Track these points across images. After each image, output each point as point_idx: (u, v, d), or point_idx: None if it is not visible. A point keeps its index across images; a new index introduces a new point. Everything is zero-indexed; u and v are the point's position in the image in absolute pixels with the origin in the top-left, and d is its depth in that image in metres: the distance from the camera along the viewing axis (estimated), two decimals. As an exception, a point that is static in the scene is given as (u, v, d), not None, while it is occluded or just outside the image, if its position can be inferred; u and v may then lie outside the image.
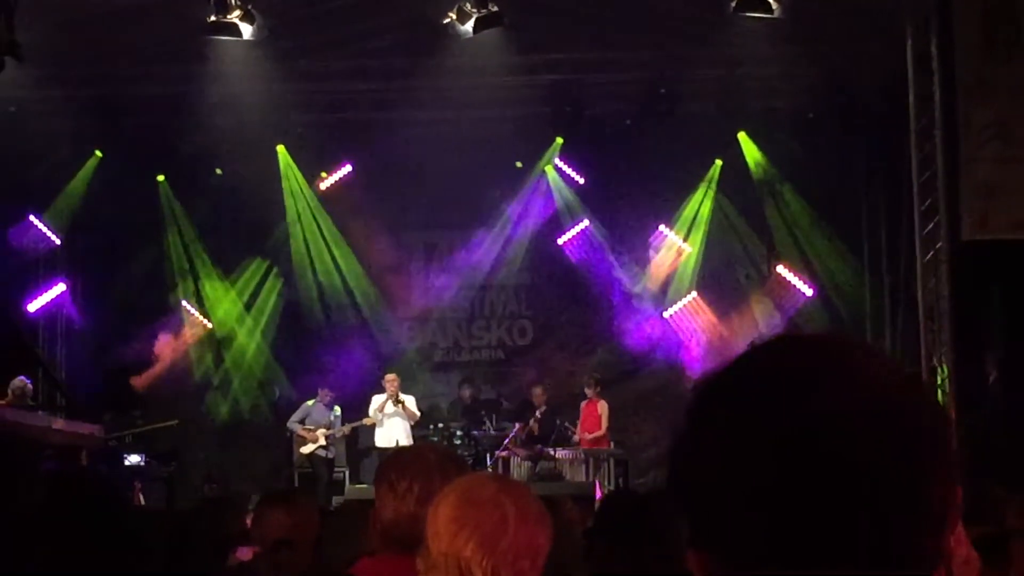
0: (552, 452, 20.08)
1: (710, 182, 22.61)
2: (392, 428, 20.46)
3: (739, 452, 1.53)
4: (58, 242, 22.14)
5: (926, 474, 1.53)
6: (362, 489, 17.27)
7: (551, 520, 3.44)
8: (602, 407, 20.43)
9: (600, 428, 20.29)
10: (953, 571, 1.60)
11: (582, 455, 20.06)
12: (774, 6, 17.90)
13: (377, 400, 20.70)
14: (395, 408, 20.56)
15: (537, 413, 20.82)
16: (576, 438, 20.48)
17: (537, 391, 21.30)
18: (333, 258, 23.31)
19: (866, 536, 1.49)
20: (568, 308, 22.79)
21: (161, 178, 22.77)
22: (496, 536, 3.20)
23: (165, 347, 22.42)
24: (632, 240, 22.88)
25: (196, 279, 23.04)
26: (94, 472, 14.33)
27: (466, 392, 22.39)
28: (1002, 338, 17.49)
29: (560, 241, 23.01)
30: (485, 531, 3.19)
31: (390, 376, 20.83)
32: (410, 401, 20.81)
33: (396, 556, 3.86)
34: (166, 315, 22.75)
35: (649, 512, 5.07)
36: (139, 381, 22.01)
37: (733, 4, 18.03)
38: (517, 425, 20.76)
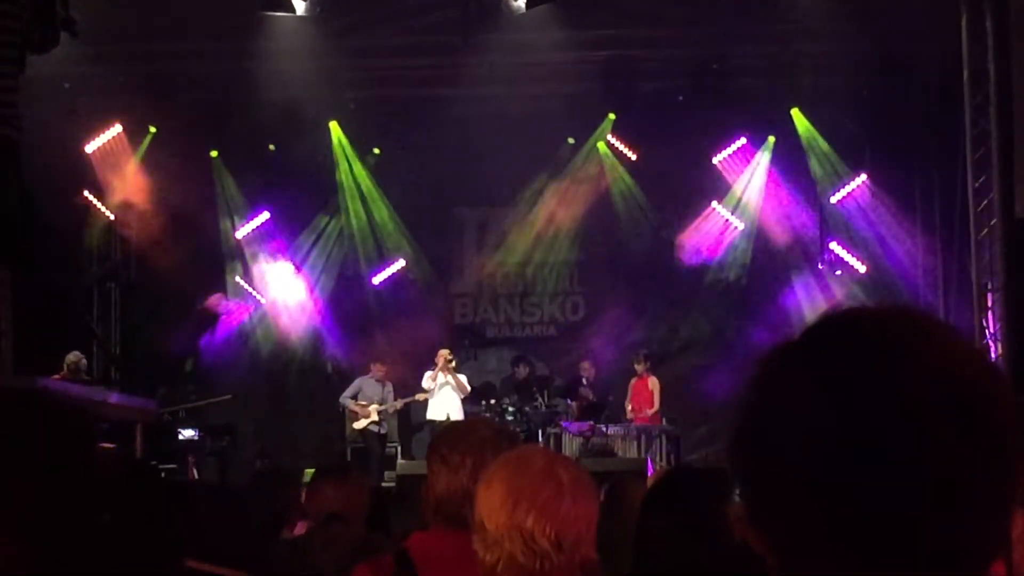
0: (604, 428, 20.06)
1: (763, 159, 22.48)
2: (444, 401, 20.55)
3: (806, 428, 1.49)
4: (112, 218, 22.22)
5: (1003, 461, 1.49)
6: (414, 464, 17.28)
7: (614, 496, 3.48)
8: (653, 383, 20.45)
9: (653, 405, 20.29)
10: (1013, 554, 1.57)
11: (634, 431, 20.04)
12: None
13: (429, 373, 20.82)
14: (446, 380, 20.63)
15: (585, 380, 20.93)
16: (628, 415, 20.48)
17: (585, 365, 21.36)
18: (385, 235, 23.32)
19: (935, 532, 1.46)
20: (620, 284, 22.70)
21: (215, 154, 22.84)
22: (554, 505, 3.21)
23: (218, 326, 22.54)
24: (684, 216, 22.79)
25: (248, 255, 23.09)
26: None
27: (521, 370, 22.37)
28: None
29: (613, 218, 22.97)
30: (543, 501, 3.20)
31: (443, 351, 20.90)
32: (461, 376, 20.91)
33: (449, 531, 3.86)
34: (221, 289, 22.81)
35: (703, 489, 5.04)
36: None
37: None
38: (569, 402, 20.84)
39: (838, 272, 22.01)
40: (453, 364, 20.85)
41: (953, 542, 1.47)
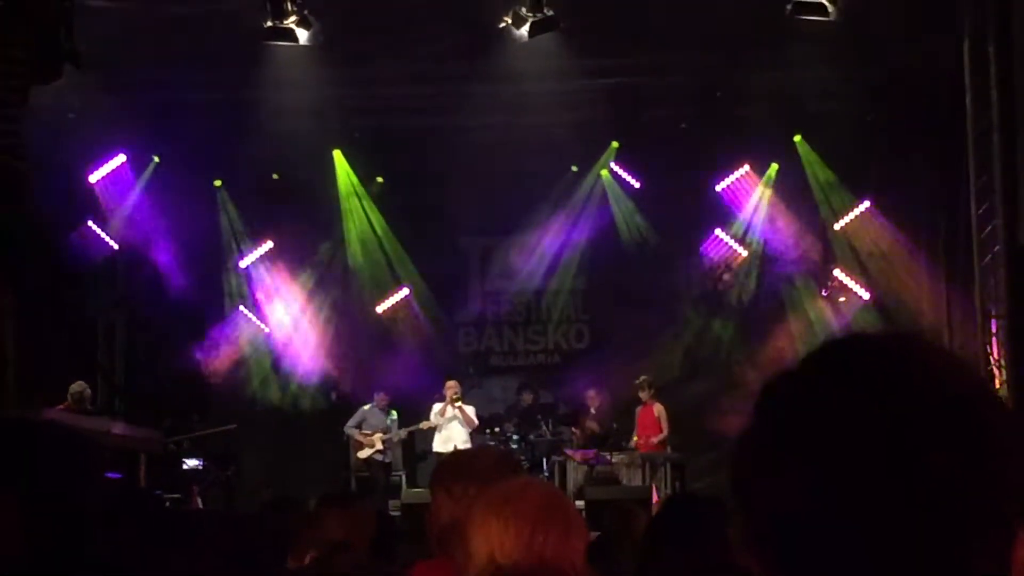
0: (608, 456, 20.02)
1: (766, 186, 22.52)
2: (451, 433, 20.47)
3: (810, 456, 1.51)
4: (116, 247, 22.23)
5: (1006, 486, 1.50)
6: (419, 493, 17.26)
7: (616, 525, 3.48)
8: (659, 410, 20.37)
9: (660, 431, 20.22)
10: None
11: (639, 459, 20.00)
12: (830, 9, 17.83)
13: (437, 407, 20.75)
14: (454, 412, 20.59)
15: (592, 410, 20.89)
16: (632, 443, 20.44)
17: (591, 394, 21.30)
18: (389, 262, 23.34)
19: (937, 556, 1.47)
20: (624, 312, 22.68)
21: (218, 183, 22.88)
22: (565, 536, 3.20)
23: (221, 360, 22.54)
24: (688, 244, 22.79)
25: (252, 283, 23.10)
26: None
27: (526, 397, 22.35)
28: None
29: (617, 245, 22.98)
30: (558, 533, 3.19)
31: (451, 383, 20.84)
32: (470, 410, 20.82)
33: (453, 560, 3.86)
34: (223, 320, 22.86)
35: (707, 517, 5.05)
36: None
37: (789, 7, 17.98)
38: (574, 430, 20.83)
39: (842, 299, 22.01)
40: (457, 392, 20.79)
41: (955, 565, 1.48)
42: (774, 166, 22.33)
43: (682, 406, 21.08)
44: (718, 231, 22.68)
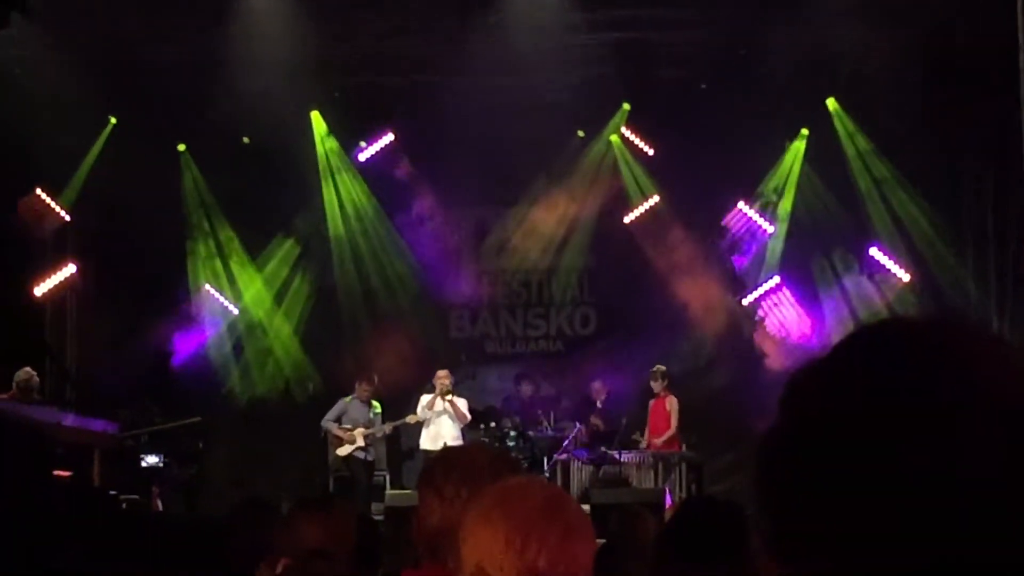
0: (617, 455, 20.03)
1: (795, 154, 22.49)
2: (440, 429, 20.42)
3: (842, 455, 1.51)
4: (68, 219, 22.19)
5: None
6: (405, 495, 17.28)
7: (623, 531, 3.46)
8: (671, 403, 20.35)
9: (670, 427, 20.20)
10: None
11: (650, 458, 20.03)
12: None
13: (425, 398, 20.71)
14: (444, 406, 20.57)
15: (599, 403, 20.87)
16: (644, 442, 20.44)
17: (596, 385, 21.32)
18: (373, 237, 23.32)
19: (982, 557, 1.47)
20: (635, 294, 22.67)
21: (182, 147, 22.86)
22: (564, 543, 3.17)
23: (184, 345, 22.52)
24: (707, 218, 22.76)
25: (220, 260, 23.09)
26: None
27: (525, 389, 22.36)
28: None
29: (627, 220, 22.94)
30: (554, 540, 3.16)
31: (441, 372, 20.79)
32: (462, 403, 20.76)
33: (442, 568, 3.86)
34: (187, 300, 22.83)
35: (727, 523, 5.05)
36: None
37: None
38: (578, 425, 20.76)
39: (879, 279, 21.99)
40: (448, 384, 20.75)
41: (1002, 566, 1.48)
42: (804, 132, 22.30)
43: (700, 399, 21.09)
44: (741, 204, 22.66)
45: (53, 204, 21.93)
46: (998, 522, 1.47)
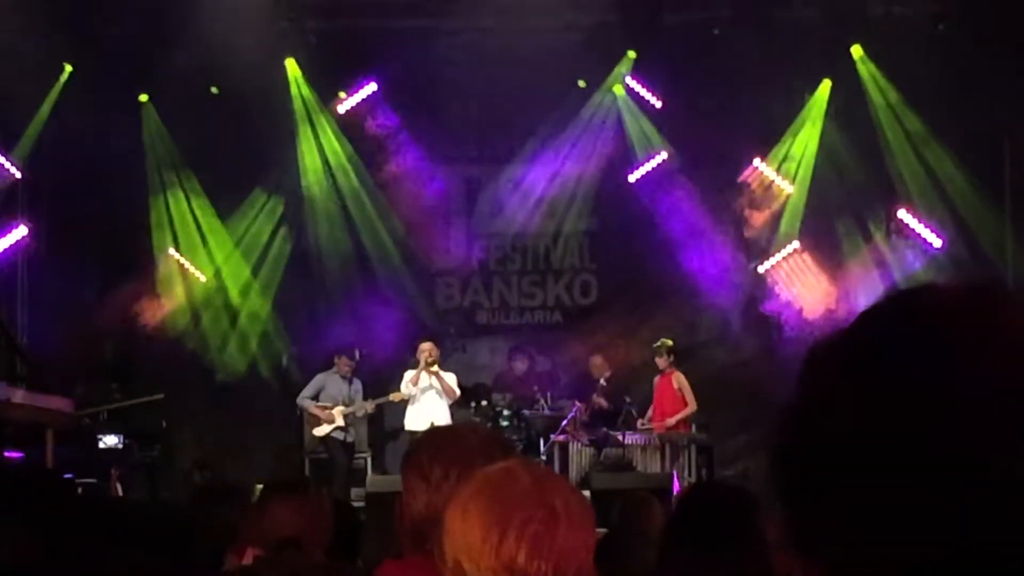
0: (621, 436, 20.04)
1: (816, 107, 22.44)
2: (426, 407, 20.43)
3: (867, 435, 1.50)
4: (19, 176, 22.14)
5: None
6: (388, 479, 17.29)
7: (627, 519, 3.43)
8: (678, 380, 20.28)
9: (680, 406, 20.15)
10: None
11: (656, 440, 20.04)
12: None
13: (410, 374, 20.70)
14: (431, 382, 20.56)
15: (602, 380, 20.83)
16: (648, 422, 20.40)
17: (597, 361, 21.28)
18: (353, 197, 23.26)
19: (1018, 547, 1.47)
20: (640, 261, 22.66)
21: (144, 98, 22.80)
22: (548, 535, 3.14)
23: (146, 315, 22.44)
24: (720, 177, 22.71)
25: (187, 221, 23.02)
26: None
27: (519, 364, 22.36)
28: None
29: (631, 178, 22.91)
30: (535, 531, 3.14)
31: (426, 345, 20.77)
32: (450, 377, 20.78)
33: (427, 559, 3.85)
34: (151, 264, 22.75)
35: (739, 511, 5.06)
36: None
37: None
38: (577, 404, 20.75)
39: (908, 244, 21.97)
40: (434, 357, 20.72)
41: None
42: (826, 83, 22.24)
43: (710, 376, 21.10)
44: (757, 161, 22.63)
45: (3, 160, 21.88)
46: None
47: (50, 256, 22.35)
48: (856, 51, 21.86)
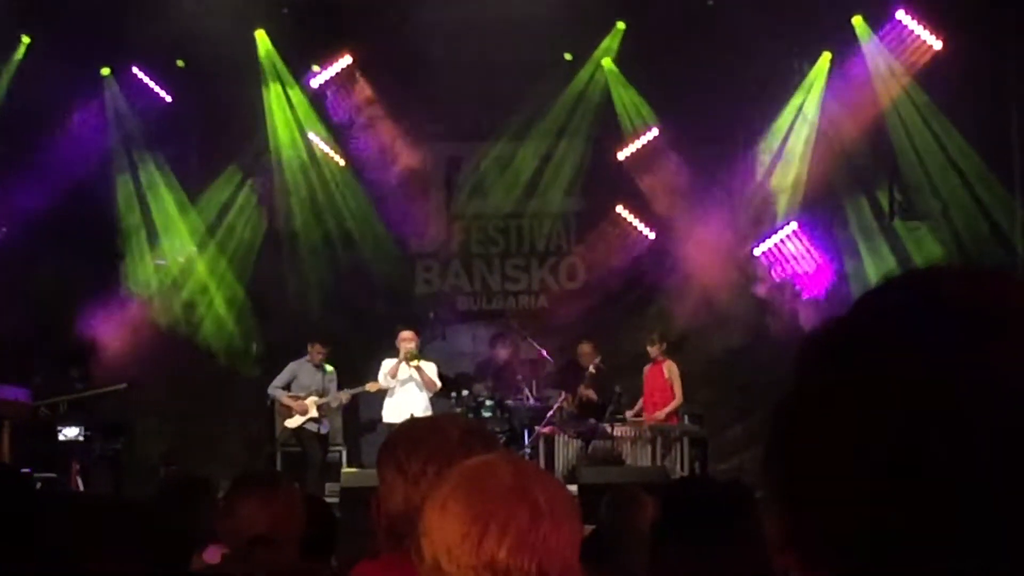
0: (609, 428, 20.05)
1: (815, 82, 22.45)
2: (405, 398, 20.42)
3: (868, 427, 1.50)
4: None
5: None
6: (364, 474, 17.30)
7: (614, 514, 3.43)
8: (669, 369, 20.30)
9: (671, 397, 20.17)
10: None
11: (648, 432, 20.06)
12: None
13: (388, 363, 20.67)
14: (410, 372, 20.53)
15: (591, 369, 20.80)
16: (638, 412, 20.43)
17: (585, 349, 21.23)
18: (327, 176, 23.24)
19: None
20: (629, 242, 22.67)
21: (107, 72, 22.76)
22: (532, 531, 3.12)
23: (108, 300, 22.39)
24: (713, 155, 22.69)
25: (151, 200, 22.97)
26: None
27: (502, 351, 22.35)
28: None
29: (620, 156, 22.91)
30: (518, 527, 3.12)
31: (406, 334, 20.72)
32: (430, 368, 20.73)
33: (405, 558, 3.85)
34: (114, 246, 22.69)
35: (732, 507, 5.06)
36: None
37: None
38: (564, 394, 20.76)
39: (911, 224, 21.97)
40: (414, 346, 20.69)
41: None
42: (826, 55, 22.25)
43: (705, 364, 21.13)
44: (752, 138, 22.65)
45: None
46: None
47: (7, 236, 22.30)
48: (857, 23, 21.85)
